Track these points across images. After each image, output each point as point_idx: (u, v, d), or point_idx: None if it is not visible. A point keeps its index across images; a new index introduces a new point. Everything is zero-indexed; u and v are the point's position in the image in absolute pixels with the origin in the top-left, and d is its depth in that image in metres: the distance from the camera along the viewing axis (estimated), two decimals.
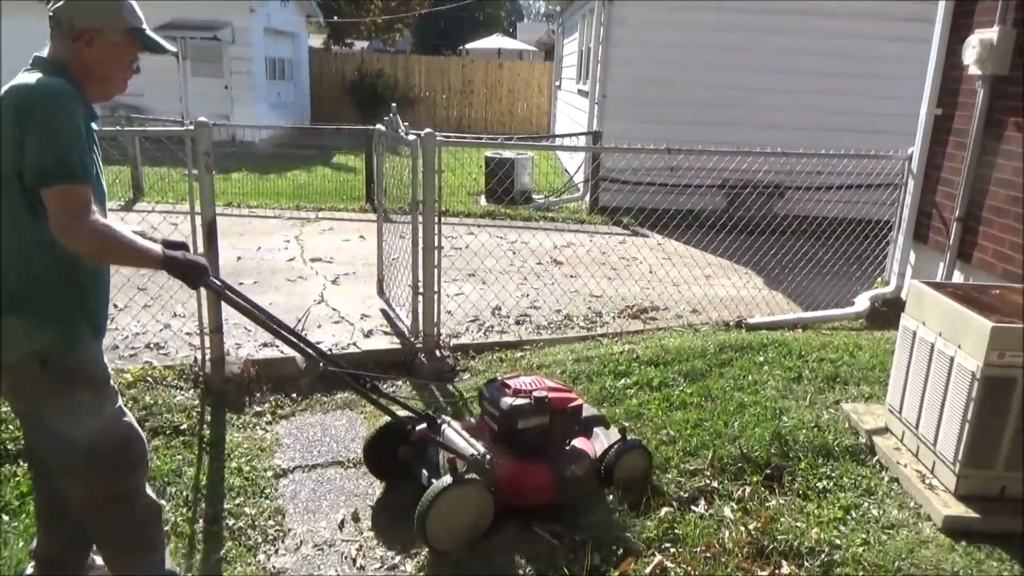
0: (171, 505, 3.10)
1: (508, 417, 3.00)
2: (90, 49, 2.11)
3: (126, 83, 2.24)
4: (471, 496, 2.83)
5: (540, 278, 6.48)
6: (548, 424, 3.05)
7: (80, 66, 2.11)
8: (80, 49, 2.10)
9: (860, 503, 3.11)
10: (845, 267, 6.29)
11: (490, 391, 3.14)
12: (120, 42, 2.15)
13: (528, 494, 3.02)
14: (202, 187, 3.77)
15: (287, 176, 12.03)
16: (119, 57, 2.17)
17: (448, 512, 2.78)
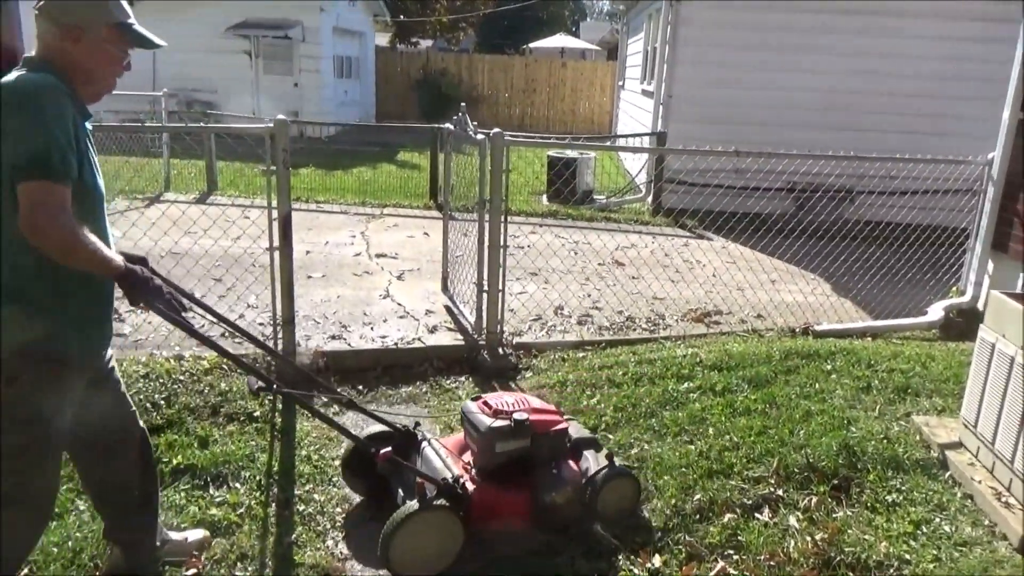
0: (245, 489, 3.22)
1: (486, 439, 2.84)
2: (77, 46, 2.07)
3: (116, 80, 2.20)
4: (438, 522, 2.71)
5: (602, 279, 6.47)
6: (529, 447, 2.89)
7: (69, 63, 2.08)
8: (68, 46, 2.06)
9: (931, 518, 3.03)
10: (918, 275, 6.10)
11: (471, 410, 2.97)
12: (108, 38, 2.11)
13: (503, 522, 2.88)
14: (279, 183, 3.89)
15: (353, 172, 12.27)
16: (108, 53, 2.13)
17: (413, 538, 2.67)
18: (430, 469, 2.90)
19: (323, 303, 5.50)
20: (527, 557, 2.86)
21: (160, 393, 3.80)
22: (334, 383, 4.31)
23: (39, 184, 1.89)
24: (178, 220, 5.05)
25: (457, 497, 2.74)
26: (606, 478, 2.98)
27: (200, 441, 3.51)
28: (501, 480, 2.89)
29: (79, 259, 1.99)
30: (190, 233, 5.17)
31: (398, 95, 22.56)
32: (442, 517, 2.71)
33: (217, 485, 3.24)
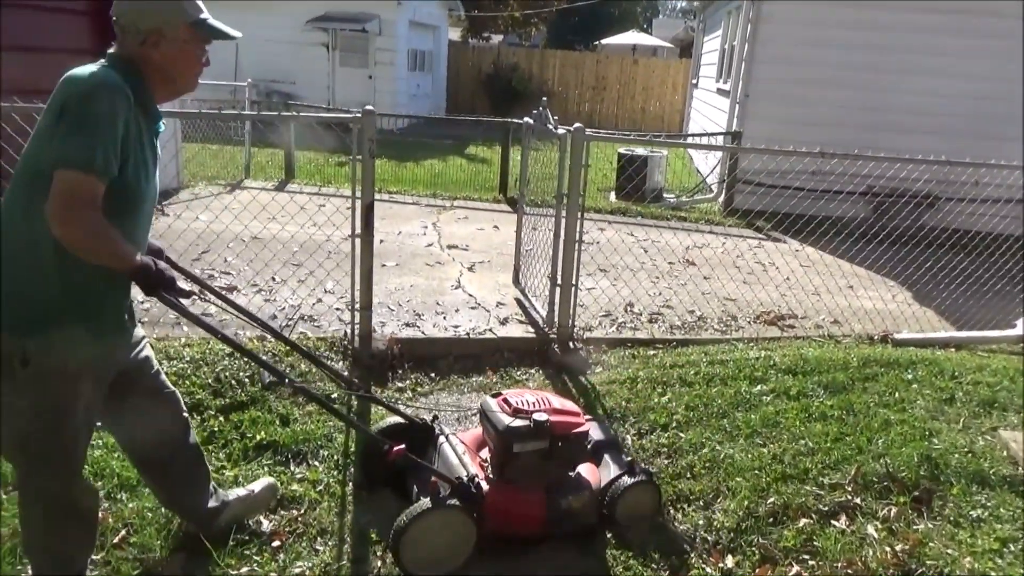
0: (323, 467, 3.32)
1: (504, 439, 2.75)
2: (158, 51, 2.11)
3: (197, 79, 2.24)
4: (450, 523, 2.65)
5: (673, 277, 6.42)
6: (547, 449, 2.79)
7: (150, 67, 2.12)
8: (149, 52, 2.10)
9: (1018, 536, 2.93)
10: (1006, 287, 5.86)
11: (490, 407, 2.87)
12: (186, 37, 2.15)
13: (517, 525, 2.82)
14: (364, 172, 3.99)
15: (423, 165, 12.43)
16: (188, 54, 2.17)
17: (424, 537, 2.62)
18: (446, 466, 2.86)
19: (396, 291, 5.61)
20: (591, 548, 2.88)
21: (244, 371, 3.94)
22: (408, 369, 4.41)
23: (74, 174, 1.90)
24: (267, 205, 5.23)
25: (471, 497, 2.67)
26: (627, 486, 2.92)
27: (281, 419, 3.64)
28: (517, 481, 2.82)
29: (96, 254, 2.00)
30: (274, 219, 5.34)
31: (468, 89, 22.74)
32: (455, 517, 2.65)
33: (297, 462, 3.35)
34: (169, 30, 2.11)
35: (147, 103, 2.14)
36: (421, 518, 2.60)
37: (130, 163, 2.05)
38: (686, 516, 3.08)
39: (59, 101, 1.97)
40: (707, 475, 3.32)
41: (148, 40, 2.10)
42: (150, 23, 2.09)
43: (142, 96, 2.10)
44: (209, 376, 3.87)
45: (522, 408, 2.81)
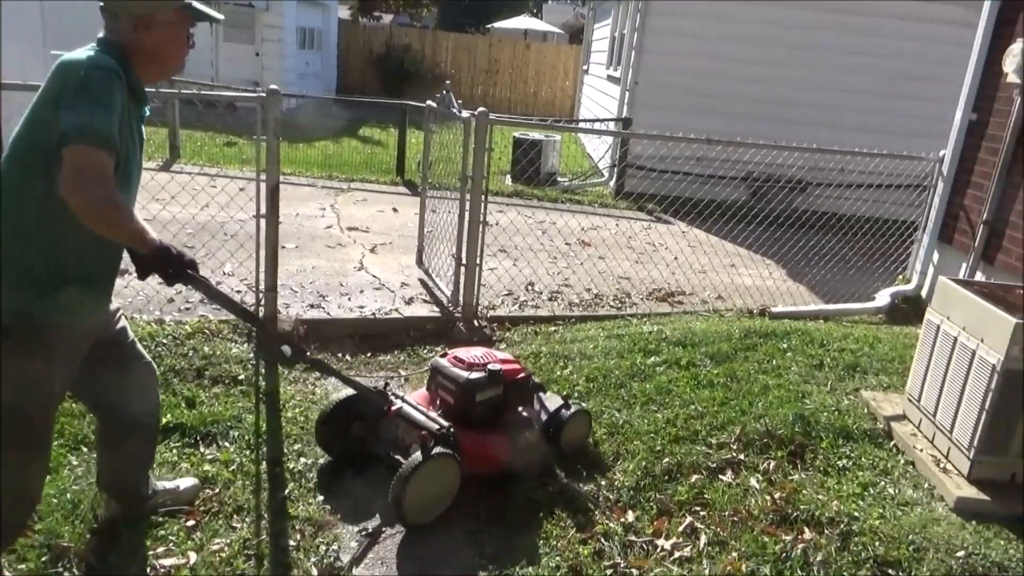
0: (235, 447, 3.33)
1: (466, 390, 3.08)
2: (150, 34, 2.17)
3: (184, 60, 2.31)
4: (442, 469, 2.91)
5: (570, 258, 6.67)
6: (502, 395, 3.18)
7: (138, 50, 2.17)
8: (141, 36, 2.16)
9: (877, 481, 3.31)
10: (867, 264, 6.45)
11: (444, 365, 3.20)
12: (175, 21, 2.22)
13: (488, 463, 3.11)
14: (269, 152, 3.97)
15: (316, 146, 12.20)
16: (177, 36, 2.24)
17: (421, 486, 2.84)
18: (415, 424, 3.08)
19: (299, 273, 5.58)
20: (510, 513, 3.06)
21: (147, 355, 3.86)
22: (315, 350, 4.43)
23: (83, 148, 1.95)
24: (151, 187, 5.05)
25: (455, 444, 2.95)
26: (566, 418, 3.34)
27: (187, 402, 3.60)
28: (481, 426, 3.14)
29: (115, 226, 2.06)
30: (158, 201, 5.16)
31: (359, 69, 22.34)
32: (444, 464, 2.91)
33: (207, 443, 3.35)
34: (160, 14, 2.18)
35: (136, 86, 2.18)
36: (419, 468, 2.81)
37: (122, 145, 2.08)
38: (589, 478, 3.29)
39: (57, 83, 2.03)
40: (607, 440, 3.55)
41: (140, 24, 2.15)
42: (142, 8, 2.15)
43: (132, 79, 2.15)
44: None
45: (475, 362, 3.18)
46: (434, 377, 3.27)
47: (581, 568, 2.73)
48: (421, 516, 2.92)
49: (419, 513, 2.91)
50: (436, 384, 3.26)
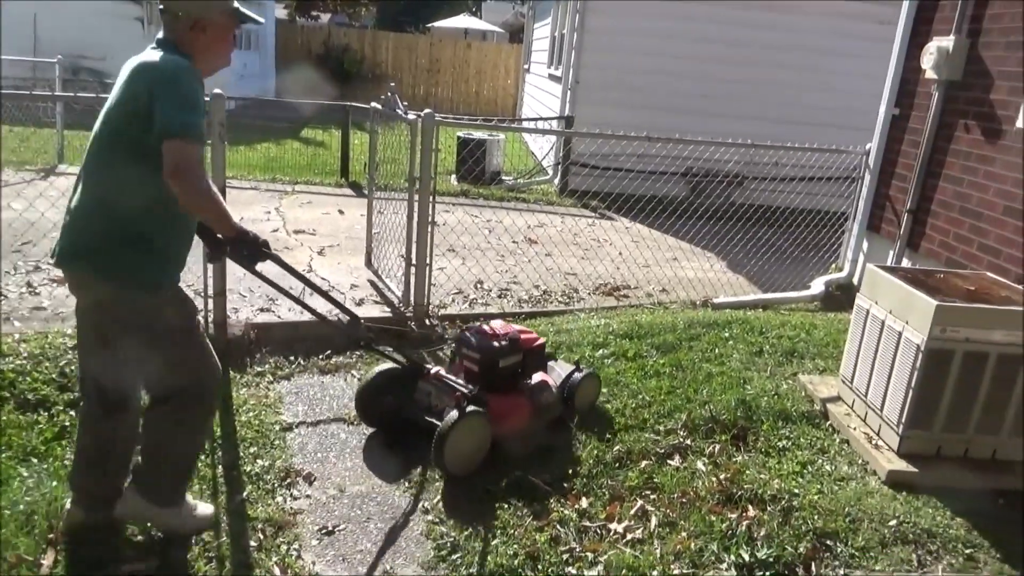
0: None
1: (490, 358, 3.45)
2: (204, 35, 2.50)
3: (230, 56, 2.67)
4: (476, 426, 3.26)
5: (517, 256, 6.76)
6: (521, 361, 3.57)
7: (196, 48, 2.50)
8: (196, 35, 2.49)
9: (815, 460, 3.50)
10: (802, 254, 6.72)
11: (469, 337, 3.58)
12: (224, 23, 2.55)
13: (512, 422, 3.44)
14: (214, 156, 3.96)
15: (257, 148, 12.05)
16: (225, 35, 2.58)
17: (459, 441, 3.20)
18: (447, 389, 3.44)
19: (246, 277, 5.46)
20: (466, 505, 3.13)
21: None
22: (266, 354, 4.42)
23: (181, 142, 2.29)
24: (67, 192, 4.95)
25: (485, 404, 3.30)
26: (580, 379, 3.73)
27: None
28: (504, 389, 3.51)
29: (208, 208, 2.41)
30: None
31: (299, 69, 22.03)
32: (478, 420, 3.26)
33: None
34: (212, 16, 2.50)
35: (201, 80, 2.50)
36: (456, 425, 3.16)
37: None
38: (544, 467, 3.38)
39: (145, 84, 2.36)
40: (560, 432, 3.66)
41: (196, 25, 2.48)
42: (197, 11, 2.48)
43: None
44: (52, 371, 3.72)
45: (497, 333, 3.55)
46: (459, 349, 3.62)
47: (538, 554, 2.82)
48: (460, 468, 3.25)
49: (459, 466, 3.24)
50: (461, 355, 3.60)
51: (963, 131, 4.89)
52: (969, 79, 4.89)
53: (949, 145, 5.02)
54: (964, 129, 4.89)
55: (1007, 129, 4.49)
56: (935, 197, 5.11)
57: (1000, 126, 4.55)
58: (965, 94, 4.92)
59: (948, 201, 4.97)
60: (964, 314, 3.27)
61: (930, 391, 3.34)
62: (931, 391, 3.34)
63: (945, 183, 5.03)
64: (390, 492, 3.27)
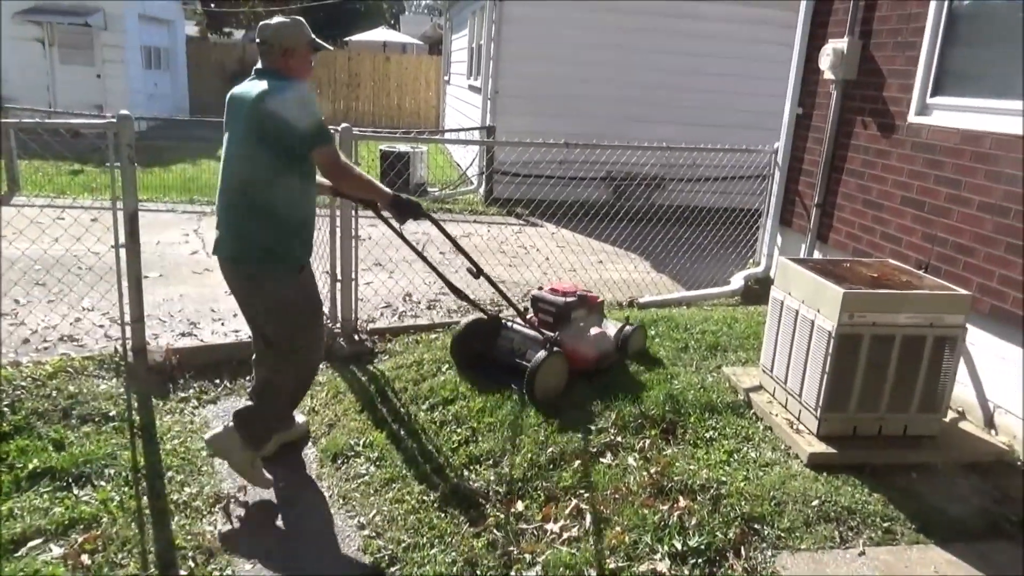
0: (112, 486, 3.21)
1: (564, 310, 4.24)
2: (292, 60, 3.18)
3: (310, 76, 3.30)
4: (558, 363, 3.99)
5: (444, 266, 6.74)
6: (586, 314, 4.36)
7: (287, 71, 3.18)
8: (287, 61, 3.18)
9: (740, 448, 3.62)
10: (721, 251, 6.94)
11: (543, 295, 4.35)
12: (305, 52, 3.24)
13: (582, 363, 4.16)
14: (124, 179, 3.84)
15: (172, 170, 11.70)
16: (308, 61, 3.27)
17: (546, 376, 3.91)
18: (530, 336, 4.19)
19: (165, 302, 5.38)
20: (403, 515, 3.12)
21: (2, 401, 3.64)
22: (190, 378, 4.31)
23: (327, 147, 3.09)
24: None
25: (562, 347, 4.04)
26: (629, 332, 4.49)
27: (55, 444, 3.43)
28: (574, 337, 4.21)
29: (363, 187, 3.29)
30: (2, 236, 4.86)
31: (213, 88, 21.49)
32: (559, 360, 4.01)
33: (81, 485, 3.21)
34: (298, 47, 3.19)
35: None
36: (545, 362, 3.90)
37: None
38: (479, 475, 3.40)
39: (279, 106, 3.01)
40: (492, 436, 3.68)
41: (286, 53, 3.17)
42: (287, 42, 3.17)
43: None
44: None
45: (568, 291, 4.35)
46: (535, 304, 4.36)
47: (476, 560, 2.83)
48: (545, 397, 3.93)
49: (544, 395, 3.92)
50: (537, 308, 4.34)
51: (861, 127, 5.16)
52: (863, 78, 5.16)
53: (849, 141, 5.28)
54: (862, 125, 5.15)
55: (900, 124, 4.75)
56: (839, 191, 5.37)
57: (894, 121, 4.81)
58: (861, 92, 5.19)
59: (852, 194, 5.22)
60: (870, 300, 3.44)
61: (843, 374, 3.51)
62: (844, 374, 3.51)
63: (848, 177, 5.28)
64: (324, 511, 3.23)
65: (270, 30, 3.18)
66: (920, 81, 4.60)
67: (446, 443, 3.66)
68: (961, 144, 4.23)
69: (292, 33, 3.19)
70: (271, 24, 3.22)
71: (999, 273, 3.91)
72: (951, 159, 4.30)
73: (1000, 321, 3.89)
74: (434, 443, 3.67)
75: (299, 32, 3.22)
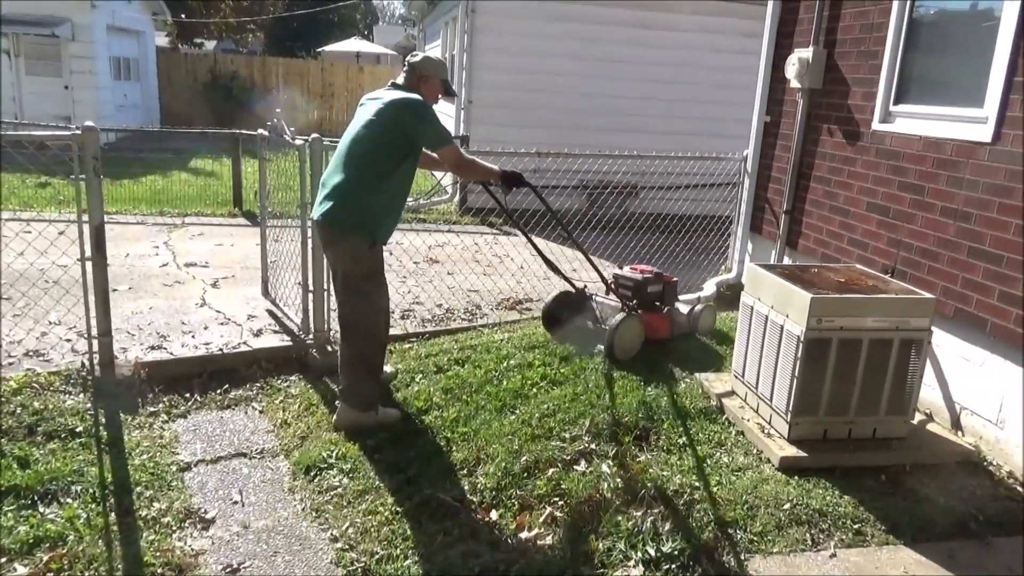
0: (79, 503, 3.15)
1: (641, 285, 4.82)
2: (424, 85, 3.84)
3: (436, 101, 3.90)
4: (635, 325, 4.59)
5: (419, 276, 6.75)
6: (661, 291, 4.91)
7: (417, 91, 3.78)
8: (420, 84, 3.84)
9: (713, 453, 3.65)
10: (694, 257, 7.00)
11: (623, 274, 4.95)
12: (437, 85, 3.90)
13: (658, 331, 4.79)
14: (90, 192, 3.79)
15: (142, 181, 11.55)
16: (435, 92, 3.90)
17: (624, 335, 4.49)
18: (610, 306, 4.84)
19: (135, 315, 5.31)
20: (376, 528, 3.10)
21: None
22: (159, 392, 4.25)
23: (451, 146, 3.80)
24: None
25: (639, 313, 4.71)
26: (701, 310, 5.13)
27: (19, 462, 3.37)
28: (651, 310, 4.85)
29: (482, 173, 4.07)
30: None
31: (184, 98, 21.32)
32: (636, 321, 4.61)
33: (47, 503, 3.15)
34: (433, 77, 3.87)
35: None
36: (623, 323, 4.49)
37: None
38: (453, 484, 3.39)
39: (408, 114, 3.66)
40: (466, 445, 3.67)
41: (422, 78, 3.84)
42: (427, 72, 3.85)
43: None
44: None
45: (645, 270, 4.96)
46: (616, 281, 4.95)
47: (451, 570, 2.82)
48: (622, 354, 4.51)
49: (621, 352, 4.51)
50: (619, 286, 4.94)
51: (827, 135, 5.24)
52: (829, 86, 5.25)
53: (816, 148, 5.36)
54: (828, 133, 5.23)
55: (864, 131, 4.84)
56: (807, 197, 5.44)
57: (859, 128, 4.90)
58: (826, 100, 5.27)
59: (819, 200, 5.30)
60: (837, 304, 3.49)
61: (813, 378, 3.55)
62: (814, 378, 3.55)
63: (815, 184, 5.36)
64: (296, 524, 3.20)
65: (419, 58, 3.88)
66: (883, 89, 4.69)
67: (420, 453, 3.64)
68: (923, 151, 4.31)
69: (432, 66, 3.87)
70: (420, 54, 3.93)
71: (962, 276, 3.99)
72: (914, 165, 4.38)
73: (965, 324, 3.97)
74: (408, 454, 3.65)
75: (439, 69, 3.91)
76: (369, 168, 3.66)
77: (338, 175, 3.71)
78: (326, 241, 3.81)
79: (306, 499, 3.39)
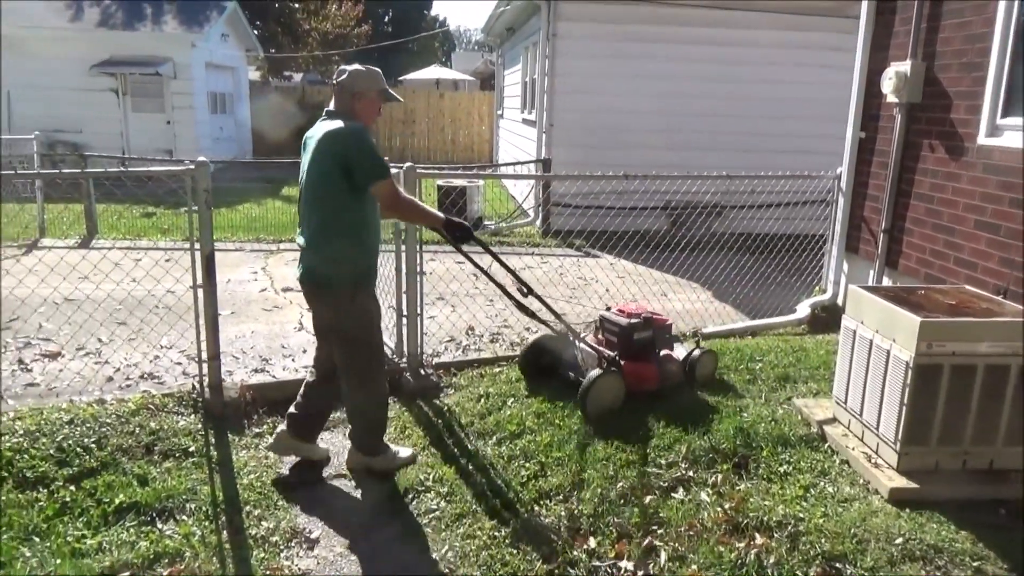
0: (193, 520, 3.30)
1: (627, 332, 4.31)
2: (360, 103, 3.49)
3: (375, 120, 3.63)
4: (613, 382, 4.10)
5: (505, 300, 6.79)
6: (651, 337, 4.39)
7: (355, 113, 3.48)
8: (355, 103, 3.49)
9: (817, 482, 3.53)
10: (785, 278, 6.82)
11: (610, 317, 4.46)
12: (375, 98, 3.54)
13: (643, 383, 4.26)
14: (201, 222, 4.00)
15: (239, 209, 12.10)
16: (375, 107, 3.56)
17: (599, 393, 4.03)
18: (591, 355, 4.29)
19: (238, 339, 5.55)
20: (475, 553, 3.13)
21: (89, 437, 3.80)
22: (263, 414, 4.42)
23: (386, 181, 3.38)
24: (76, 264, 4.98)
25: (620, 367, 4.17)
26: (698, 356, 4.49)
27: (139, 479, 3.56)
28: (638, 358, 4.31)
29: (418, 216, 3.76)
30: (86, 279, 5.07)
31: (275, 129, 22.21)
32: (614, 379, 4.12)
33: (164, 519, 3.31)
34: (368, 93, 3.50)
35: None
36: (597, 380, 4.02)
37: None
38: (549, 510, 3.39)
39: (340, 145, 3.35)
40: (561, 470, 3.67)
41: (355, 98, 3.47)
42: (360, 88, 3.48)
43: None
44: (50, 446, 3.70)
45: (633, 313, 4.42)
46: (602, 324, 4.50)
47: None
48: (598, 415, 4.03)
49: (596, 413, 4.03)
50: (604, 329, 4.48)
51: (928, 150, 5.05)
52: (929, 100, 5.06)
53: (916, 164, 5.17)
54: (929, 148, 5.04)
55: (969, 146, 4.64)
56: (908, 215, 5.25)
57: (963, 143, 4.70)
58: (927, 115, 5.09)
59: (921, 219, 5.10)
60: (948, 328, 3.34)
61: (923, 406, 3.40)
62: (924, 406, 3.40)
63: (916, 201, 5.16)
64: (396, 546, 3.26)
65: (345, 75, 3.47)
66: (989, 102, 4.50)
67: (515, 478, 3.66)
68: None
69: (364, 80, 3.48)
70: (347, 69, 3.50)
71: None
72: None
73: None
74: (503, 478, 3.68)
75: (373, 80, 3.51)
76: (330, 211, 3.42)
77: (305, 229, 3.52)
78: (307, 296, 3.65)
79: (405, 522, 3.45)
